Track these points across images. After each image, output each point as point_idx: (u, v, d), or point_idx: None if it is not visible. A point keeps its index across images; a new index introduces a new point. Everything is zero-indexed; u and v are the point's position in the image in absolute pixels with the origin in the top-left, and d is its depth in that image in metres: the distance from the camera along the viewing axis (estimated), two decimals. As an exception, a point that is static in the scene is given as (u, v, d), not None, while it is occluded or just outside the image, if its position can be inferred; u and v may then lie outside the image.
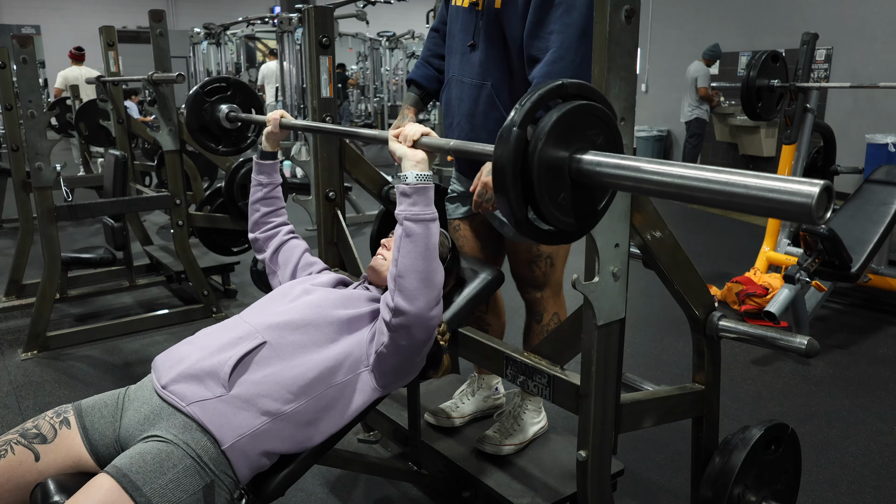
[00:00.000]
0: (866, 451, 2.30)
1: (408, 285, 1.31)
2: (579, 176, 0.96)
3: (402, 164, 1.33)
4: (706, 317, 1.49)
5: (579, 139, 0.97)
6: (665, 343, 3.20)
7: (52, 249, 3.03)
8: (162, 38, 3.33)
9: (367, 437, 2.25)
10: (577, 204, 0.99)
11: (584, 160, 0.95)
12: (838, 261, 2.98)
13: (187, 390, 1.29)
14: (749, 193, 0.81)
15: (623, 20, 1.14)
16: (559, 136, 0.94)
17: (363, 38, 12.15)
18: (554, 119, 0.93)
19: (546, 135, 0.93)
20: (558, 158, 0.95)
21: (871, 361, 3.01)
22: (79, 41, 13.87)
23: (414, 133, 1.32)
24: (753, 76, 3.29)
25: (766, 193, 0.79)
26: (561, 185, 0.96)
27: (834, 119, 6.67)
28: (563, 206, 0.97)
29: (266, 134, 1.80)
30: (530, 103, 0.94)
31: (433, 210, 1.32)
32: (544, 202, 0.95)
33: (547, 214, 0.96)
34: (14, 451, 1.26)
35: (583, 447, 1.34)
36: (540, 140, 0.93)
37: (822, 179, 0.76)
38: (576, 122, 0.96)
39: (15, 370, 2.96)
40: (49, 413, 1.35)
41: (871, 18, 6.61)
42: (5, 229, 5.59)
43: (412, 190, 1.30)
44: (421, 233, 1.30)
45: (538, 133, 0.93)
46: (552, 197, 0.95)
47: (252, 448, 1.29)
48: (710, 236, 5.45)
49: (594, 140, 0.98)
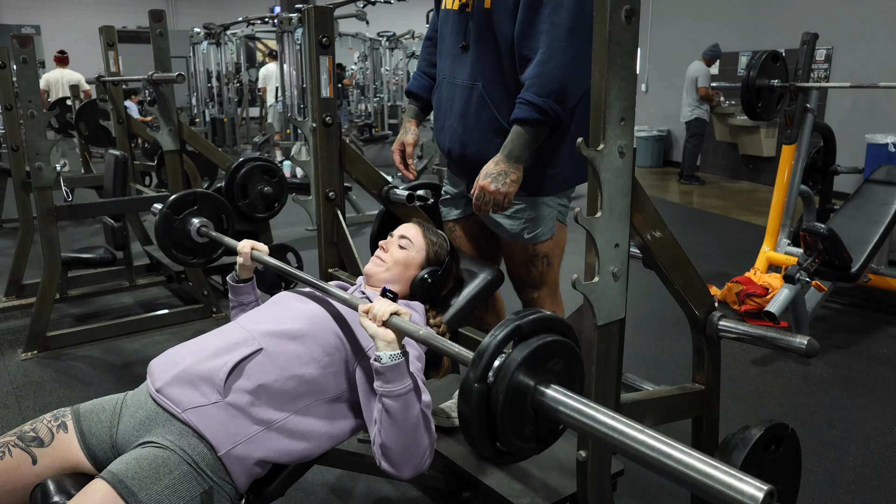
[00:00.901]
0: (866, 451, 2.30)
1: (393, 456, 1.30)
2: (541, 409, 1.04)
3: (375, 342, 1.28)
4: (706, 317, 1.49)
5: (541, 372, 1.06)
6: (665, 343, 3.20)
7: (52, 249, 3.03)
8: (162, 38, 3.33)
9: (367, 437, 2.25)
10: (539, 431, 1.09)
11: (547, 395, 1.03)
12: (838, 261, 2.98)
13: (182, 395, 1.29)
14: (696, 480, 0.82)
15: (623, 20, 1.14)
16: (519, 380, 1.03)
17: (363, 38, 12.14)
18: (512, 371, 1.02)
19: (506, 389, 1.01)
20: (521, 397, 1.04)
21: (871, 361, 3.01)
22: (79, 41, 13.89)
23: (383, 314, 1.26)
24: (753, 76, 3.29)
25: (711, 483, 0.80)
26: (524, 421, 1.06)
27: (834, 119, 6.67)
28: (528, 436, 1.08)
29: (239, 265, 1.74)
30: (487, 357, 1.03)
31: (407, 381, 1.26)
32: (510, 441, 1.05)
33: (514, 449, 1.07)
34: (11, 454, 1.26)
35: (583, 447, 1.34)
36: (500, 394, 1.01)
37: (759, 480, 0.77)
38: (536, 359, 1.05)
39: (15, 370, 2.96)
40: (47, 416, 1.34)
41: (870, 18, 6.61)
42: (5, 229, 5.59)
43: (384, 369, 1.25)
44: (398, 407, 1.26)
45: (499, 386, 1.02)
46: (517, 434, 1.06)
47: (248, 455, 1.28)
48: (710, 236, 5.45)
49: (554, 370, 1.08)
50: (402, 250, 1.66)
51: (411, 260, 1.65)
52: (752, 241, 4.65)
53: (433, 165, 6.81)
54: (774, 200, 3.84)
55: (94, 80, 4.23)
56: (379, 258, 1.65)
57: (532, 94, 1.61)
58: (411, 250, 1.66)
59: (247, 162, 3.43)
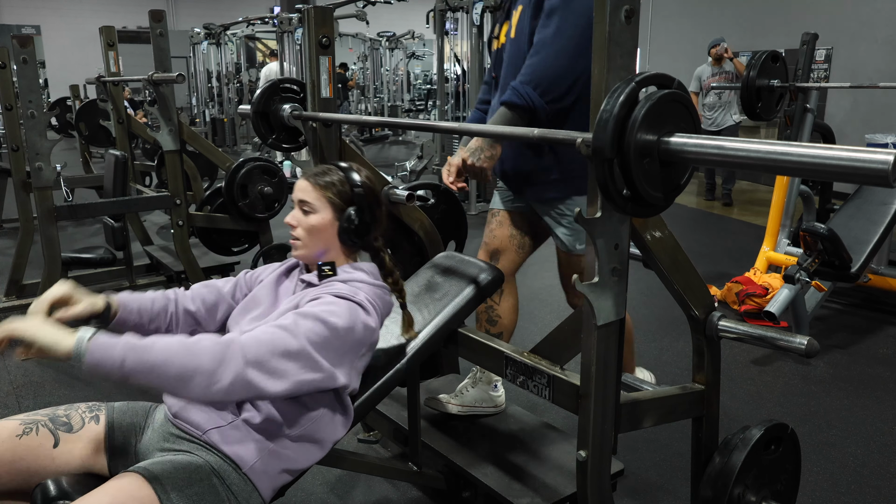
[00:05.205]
0: (866, 451, 2.30)
1: None
2: (667, 156, 1.11)
3: None
4: (706, 317, 1.49)
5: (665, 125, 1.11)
6: (665, 343, 3.20)
7: (53, 249, 3.03)
8: (162, 38, 3.33)
9: (367, 437, 2.25)
10: (665, 180, 1.15)
11: (672, 142, 1.10)
12: (838, 261, 2.98)
13: (200, 417, 1.28)
14: (828, 164, 0.93)
15: (623, 20, 1.14)
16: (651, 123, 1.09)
17: (363, 38, 12.15)
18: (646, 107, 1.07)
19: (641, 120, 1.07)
20: (649, 141, 1.10)
21: (871, 361, 3.01)
22: (79, 41, 13.90)
23: None
24: (753, 76, 3.29)
25: (843, 163, 0.92)
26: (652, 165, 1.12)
27: (834, 119, 6.67)
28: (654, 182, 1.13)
29: None
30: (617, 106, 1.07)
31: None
32: (640, 181, 1.10)
33: (641, 190, 1.11)
34: (38, 433, 1.27)
35: (583, 447, 1.34)
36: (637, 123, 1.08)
37: None
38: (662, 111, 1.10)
39: (15, 370, 2.96)
40: (82, 406, 1.36)
41: (870, 19, 6.61)
42: (5, 229, 5.59)
43: None
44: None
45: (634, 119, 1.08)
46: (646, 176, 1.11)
47: (272, 467, 1.29)
48: (710, 236, 5.45)
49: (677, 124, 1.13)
50: (307, 216, 1.44)
51: (322, 221, 1.43)
52: (751, 241, 4.65)
53: (433, 165, 6.81)
54: (774, 200, 3.84)
55: (94, 81, 4.22)
56: (293, 238, 1.45)
57: (517, 82, 1.80)
58: (316, 211, 1.43)
59: (247, 162, 3.44)
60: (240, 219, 3.46)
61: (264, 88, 2.19)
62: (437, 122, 1.77)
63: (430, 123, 1.84)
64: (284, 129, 2.24)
